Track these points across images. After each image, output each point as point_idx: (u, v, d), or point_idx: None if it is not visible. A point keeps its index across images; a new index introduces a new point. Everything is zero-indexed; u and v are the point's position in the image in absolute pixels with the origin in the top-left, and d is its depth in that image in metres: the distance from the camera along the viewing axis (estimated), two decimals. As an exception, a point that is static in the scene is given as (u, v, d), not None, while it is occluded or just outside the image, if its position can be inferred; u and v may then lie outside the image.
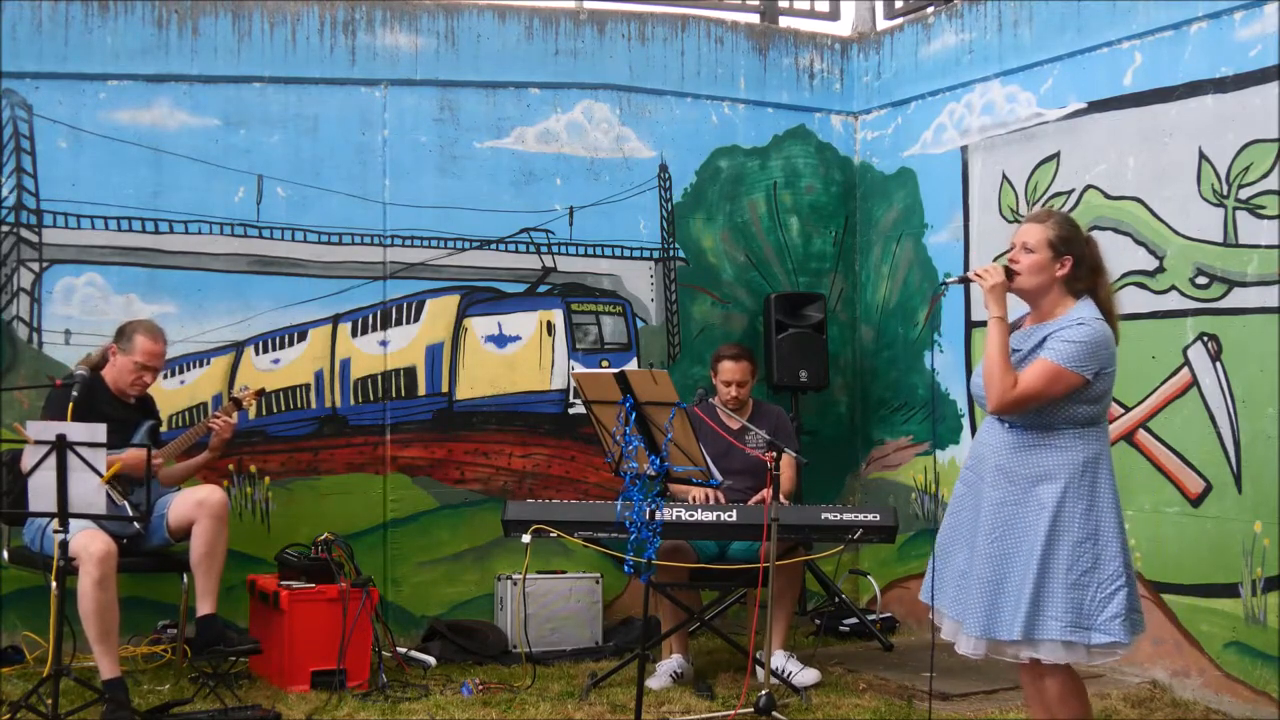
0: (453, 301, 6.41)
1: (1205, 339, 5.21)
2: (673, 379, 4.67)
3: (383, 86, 6.32)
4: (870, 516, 5.22)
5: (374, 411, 6.27)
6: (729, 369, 5.79)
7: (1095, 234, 4.05)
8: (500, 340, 6.47)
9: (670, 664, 5.45)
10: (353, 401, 6.25)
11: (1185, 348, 5.28)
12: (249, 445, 6.05)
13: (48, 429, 4.27)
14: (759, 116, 6.97)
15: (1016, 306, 3.96)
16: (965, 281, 3.99)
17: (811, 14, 7.47)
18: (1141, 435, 5.45)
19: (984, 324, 3.86)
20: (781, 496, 5.14)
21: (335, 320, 6.25)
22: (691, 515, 5.20)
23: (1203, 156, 5.24)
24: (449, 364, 6.38)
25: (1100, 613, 3.62)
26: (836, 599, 6.45)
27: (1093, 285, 3.80)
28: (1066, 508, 3.65)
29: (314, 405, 6.21)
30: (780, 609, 5.40)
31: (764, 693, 4.70)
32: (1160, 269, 5.40)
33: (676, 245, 6.77)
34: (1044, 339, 3.72)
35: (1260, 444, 4.99)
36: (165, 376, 5.60)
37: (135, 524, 4.98)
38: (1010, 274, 3.82)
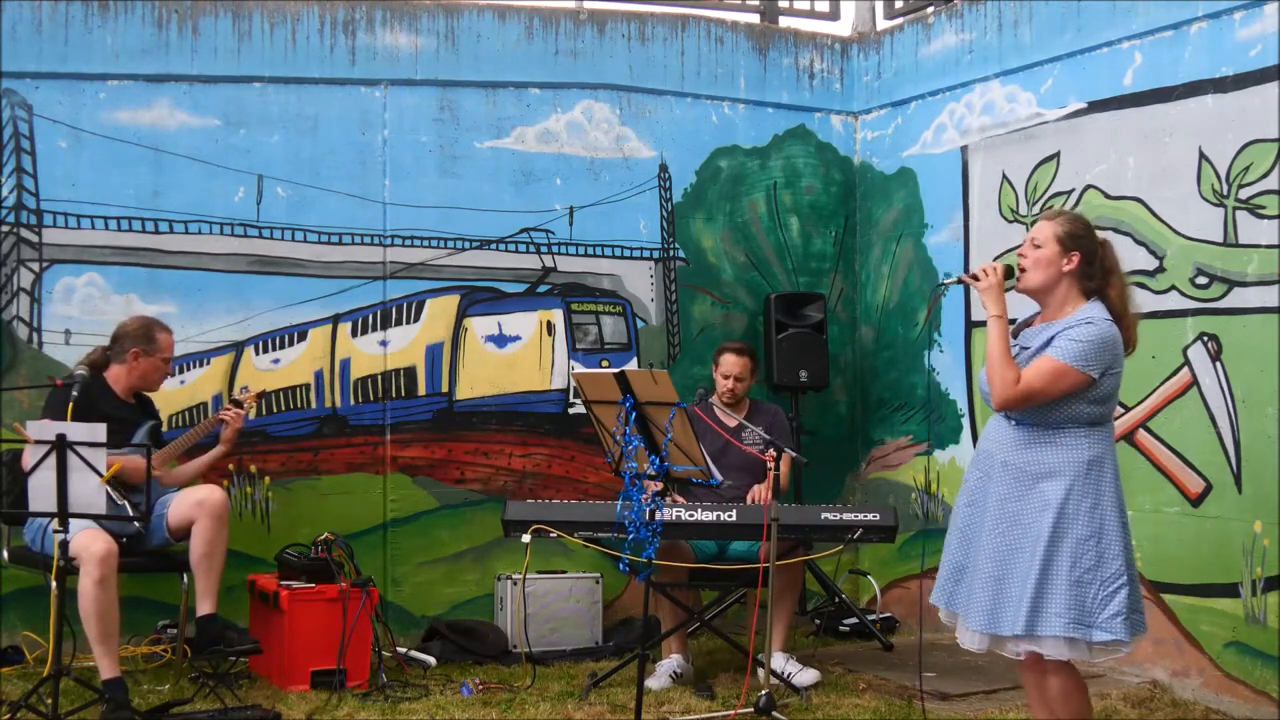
0: (453, 301, 6.41)
1: (1205, 339, 5.21)
2: (673, 379, 4.67)
3: (383, 86, 6.32)
4: (870, 516, 5.22)
5: (374, 411, 6.27)
6: (730, 361, 5.82)
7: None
8: (500, 340, 6.47)
9: (670, 663, 5.45)
10: (353, 401, 6.25)
11: (1185, 348, 5.28)
12: (249, 445, 6.04)
13: (48, 429, 4.27)
14: (759, 116, 6.97)
15: (1025, 306, 3.97)
16: (962, 283, 3.99)
17: (811, 14, 7.47)
18: (1141, 435, 5.45)
19: (984, 324, 3.86)
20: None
21: (335, 320, 6.25)
22: (691, 515, 5.20)
23: (1203, 156, 5.24)
24: (449, 364, 6.38)
25: (1102, 610, 3.63)
26: (836, 599, 6.45)
27: (1104, 286, 3.80)
28: (1071, 505, 3.66)
29: (314, 405, 6.21)
30: (780, 609, 5.40)
31: (764, 693, 4.70)
32: (1160, 269, 5.40)
33: (676, 245, 6.77)
34: (1051, 338, 3.73)
35: (1260, 444, 4.99)
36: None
37: (135, 524, 4.97)
38: (1011, 273, 3.85)
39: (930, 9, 6.80)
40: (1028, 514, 3.70)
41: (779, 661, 5.38)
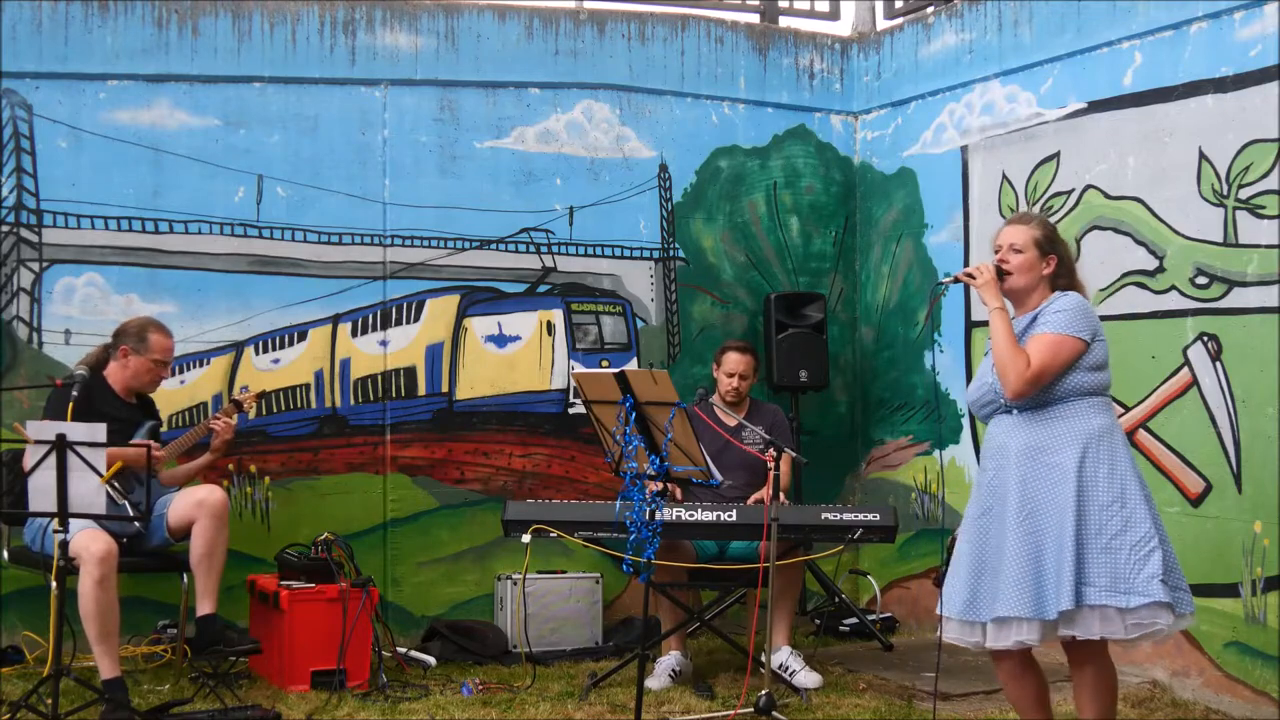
0: (453, 301, 6.41)
1: (1205, 339, 5.21)
2: (673, 379, 4.67)
3: (383, 86, 6.32)
4: (870, 516, 5.23)
5: (374, 411, 6.27)
6: (734, 360, 5.82)
7: (1095, 234, 4.09)
8: (500, 340, 6.47)
9: (668, 661, 5.45)
10: (353, 401, 6.25)
11: (1185, 348, 5.27)
12: (249, 445, 6.05)
13: (48, 429, 4.27)
14: (759, 116, 6.97)
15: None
16: (959, 281, 4.05)
17: (811, 14, 7.47)
18: (1141, 435, 5.45)
19: (984, 324, 3.90)
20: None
21: (335, 320, 6.25)
22: (691, 515, 5.20)
23: (1203, 156, 5.24)
24: (449, 364, 6.38)
25: (1136, 574, 3.61)
26: (836, 599, 6.45)
27: (1071, 283, 3.95)
28: (1087, 472, 3.68)
29: (314, 405, 6.21)
30: (781, 608, 5.40)
31: (764, 693, 4.70)
32: (1160, 269, 5.40)
33: (676, 245, 6.77)
34: (1034, 319, 3.85)
35: (1260, 444, 4.99)
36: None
37: (135, 524, 4.98)
38: (1001, 274, 3.90)
39: (930, 9, 6.79)
40: (1048, 490, 3.70)
41: (783, 656, 5.39)
